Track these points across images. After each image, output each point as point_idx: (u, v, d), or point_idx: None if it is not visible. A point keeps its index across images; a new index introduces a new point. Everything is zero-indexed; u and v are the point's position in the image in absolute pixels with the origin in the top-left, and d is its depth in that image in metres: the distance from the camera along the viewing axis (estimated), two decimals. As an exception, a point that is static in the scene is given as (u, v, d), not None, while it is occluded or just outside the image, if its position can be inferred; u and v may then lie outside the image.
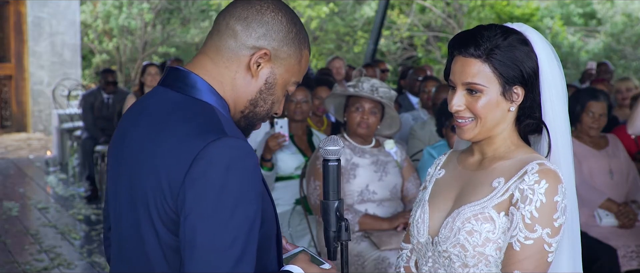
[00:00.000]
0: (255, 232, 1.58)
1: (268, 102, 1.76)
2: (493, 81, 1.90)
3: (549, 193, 1.84)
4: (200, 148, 1.56)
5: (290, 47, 1.73)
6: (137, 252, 1.67)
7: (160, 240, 1.62)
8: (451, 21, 18.10)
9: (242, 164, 1.57)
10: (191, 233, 1.54)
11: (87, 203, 7.69)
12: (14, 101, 12.76)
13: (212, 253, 1.53)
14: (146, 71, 7.25)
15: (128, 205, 1.67)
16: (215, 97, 1.70)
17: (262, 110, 1.76)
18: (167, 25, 17.11)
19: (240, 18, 1.70)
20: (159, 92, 1.73)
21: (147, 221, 1.62)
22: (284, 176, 4.62)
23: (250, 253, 1.56)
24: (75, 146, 9.05)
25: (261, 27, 1.70)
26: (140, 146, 1.66)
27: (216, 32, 1.73)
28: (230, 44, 1.71)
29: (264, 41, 1.70)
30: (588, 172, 4.47)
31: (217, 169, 1.55)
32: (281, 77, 1.74)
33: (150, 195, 1.60)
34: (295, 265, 1.76)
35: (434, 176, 2.13)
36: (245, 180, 1.57)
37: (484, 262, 1.91)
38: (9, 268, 5.56)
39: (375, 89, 4.01)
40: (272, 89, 1.75)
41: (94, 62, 16.59)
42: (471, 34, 1.92)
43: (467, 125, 1.95)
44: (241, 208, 1.55)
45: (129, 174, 1.67)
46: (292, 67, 1.75)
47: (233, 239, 1.54)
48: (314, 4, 17.78)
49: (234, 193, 1.55)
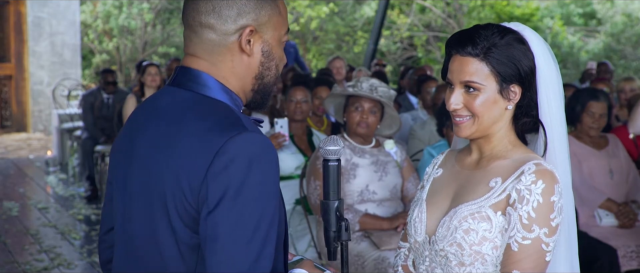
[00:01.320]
0: (275, 228, 1.59)
1: (272, 67, 1.76)
2: (490, 79, 1.91)
3: (546, 193, 1.85)
4: (222, 143, 1.56)
5: (266, 9, 1.72)
6: (150, 251, 1.66)
7: (178, 239, 1.61)
8: (451, 21, 18.09)
9: (264, 159, 1.58)
10: (213, 228, 1.54)
11: (87, 203, 7.69)
12: (14, 101, 12.76)
13: (233, 247, 1.53)
14: (146, 70, 7.26)
15: (141, 206, 1.67)
16: (227, 95, 1.70)
17: (270, 77, 1.77)
18: (167, 26, 17.12)
19: (209, 11, 1.69)
20: (170, 92, 1.72)
21: (164, 221, 1.62)
22: (284, 176, 4.62)
23: (269, 249, 1.56)
24: (75, 146, 9.05)
25: (232, 9, 1.69)
26: (155, 146, 1.65)
27: (193, 35, 1.72)
28: (213, 38, 1.70)
29: (243, 19, 1.69)
30: (588, 172, 4.47)
31: (239, 164, 1.55)
32: (273, 38, 1.74)
33: (169, 194, 1.60)
34: (301, 269, 1.78)
35: (432, 175, 2.14)
36: (267, 175, 1.58)
37: (480, 261, 1.92)
38: (9, 268, 5.56)
39: (375, 89, 4.01)
40: (271, 55, 1.75)
41: (94, 62, 16.59)
42: (469, 33, 1.94)
43: (465, 123, 1.96)
44: (262, 203, 1.56)
45: (144, 175, 1.66)
46: (277, 23, 1.74)
47: (253, 233, 1.54)
48: (314, 4, 17.78)
49: (255, 188, 1.55)
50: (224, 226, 1.54)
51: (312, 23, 17.70)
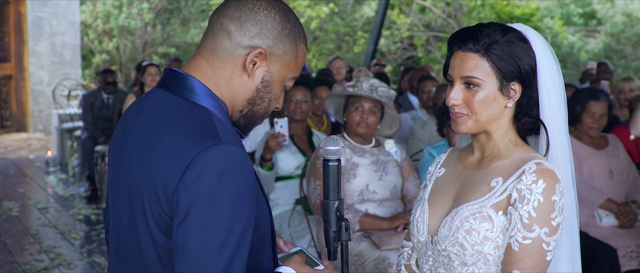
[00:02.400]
0: (247, 239, 1.59)
1: (266, 100, 1.75)
2: (491, 75, 1.92)
3: (547, 192, 1.85)
4: (195, 154, 1.56)
5: (285, 44, 1.72)
6: (134, 251, 1.68)
7: (155, 242, 1.62)
8: (451, 21, 18.09)
9: (236, 172, 1.58)
10: (183, 238, 1.55)
11: (87, 203, 7.69)
12: (14, 101, 12.76)
13: (202, 258, 1.54)
14: (146, 70, 7.27)
15: (126, 206, 1.68)
16: (212, 100, 1.69)
17: (261, 108, 1.76)
18: (167, 25, 17.12)
19: (234, 18, 1.70)
20: (157, 95, 1.73)
21: (143, 223, 1.63)
22: (284, 176, 4.62)
23: (240, 259, 1.57)
24: (75, 146, 9.06)
25: (255, 26, 1.69)
26: (138, 148, 1.66)
27: (211, 34, 1.73)
28: (225, 44, 1.70)
29: (259, 40, 1.70)
30: (588, 172, 4.47)
31: (210, 176, 1.55)
32: (278, 74, 1.74)
33: (146, 197, 1.61)
34: (288, 266, 1.77)
35: (434, 174, 2.15)
36: (238, 187, 1.57)
37: (482, 261, 1.92)
38: (9, 268, 5.56)
39: (375, 89, 4.01)
40: (269, 87, 1.74)
41: (94, 62, 16.60)
42: (471, 30, 1.95)
43: (462, 117, 1.96)
44: (232, 214, 1.56)
45: (128, 175, 1.67)
46: (288, 64, 1.74)
47: (222, 244, 1.54)
48: (314, 4, 17.79)
49: (226, 200, 1.55)
50: (192, 238, 1.54)
51: (312, 23, 17.70)
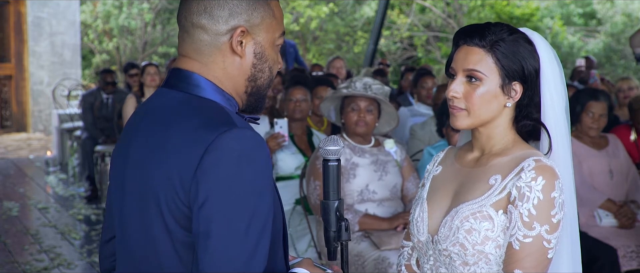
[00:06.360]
0: (269, 225, 1.57)
1: (265, 70, 1.75)
2: (494, 71, 1.92)
3: (546, 189, 1.85)
4: (211, 139, 1.55)
5: (259, 10, 1.71)
6: (148, 253, 1.66)
7: (173, 238, 1.61)
8: (451, 21, 18.09)
9: (254, 155, 1.57)
10: (205, 224, 1.53)
11: (87, 203, 7.69)
12: (14, 101, 12.76)
13: (227, 244, 1.51)
14: (145, 70, 7.28)
15: (138, 208, 1.66)
16: (220, 95, 1.70)
17: (264, 80, 1.76)
18: (167, 26, 17.12)
19: (200, 11, 1.69)
20: (163, 94, 1.73)
21: (159, 221, 1.61)
22: (284, 176, 4.62)
23: (264, 246, 1.55)
24: (75, 146, 9.06)
25: (223, 10, 1.68)
26: (147, 148, 1.65)
27: (186, 35, 1.72)
28: (205, 39, 1.70)
29: (234, 20, 1.69)
30: (588, 172, 4.47)
31: (229, 160, 1.54)
32: (266, 41, 1.73)
33: (161, 192, 1.59)
34: (301, 267, 1.76)
35: (432, 173, 2.14)
36: (258, 171, 1.57)
37: (484, 260, 1.92)
38: (9, 268, 5.56)
39: (369, 87, 4.01)
40: (264, 57, 1.74)
41: (94, 62, 16.60)
42: (478, 27, 1.96)
43: (461, 112, 1.96)
44: (254, 198, 1.55)
45: (139, 175, 1.66)
46: (270, 26, 1.73)
47: (247, 228, 1.52)
48: (314, 4, 17.78)
49: (246, 184, 1.54)
50: (217, 222, 1.52)
51: (312, 23, 17.70)
